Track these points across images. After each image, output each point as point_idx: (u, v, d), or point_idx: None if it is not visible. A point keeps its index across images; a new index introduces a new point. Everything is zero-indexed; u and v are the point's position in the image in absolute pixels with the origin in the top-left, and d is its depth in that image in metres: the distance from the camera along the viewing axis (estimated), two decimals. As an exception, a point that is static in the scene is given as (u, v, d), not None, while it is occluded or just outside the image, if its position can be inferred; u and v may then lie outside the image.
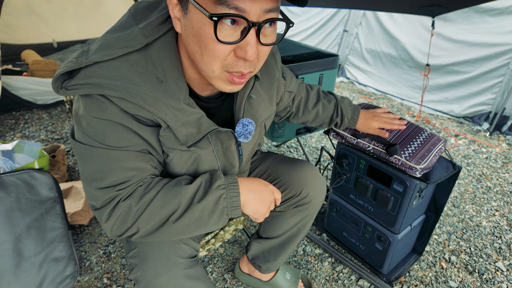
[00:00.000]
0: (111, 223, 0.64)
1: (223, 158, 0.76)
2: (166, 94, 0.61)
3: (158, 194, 0.65)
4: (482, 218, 1.67)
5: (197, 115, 0.66)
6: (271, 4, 0.51)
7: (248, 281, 1.24)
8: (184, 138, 0.65)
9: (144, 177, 0.66)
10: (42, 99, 2.60)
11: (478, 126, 2.65)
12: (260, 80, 0.78)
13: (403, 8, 1.59)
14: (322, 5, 2.16)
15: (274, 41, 0.58)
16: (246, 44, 0.53)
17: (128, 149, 0.62)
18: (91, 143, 0.61)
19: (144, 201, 0.64)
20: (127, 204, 0.63)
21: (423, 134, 1.07)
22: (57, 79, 0.59)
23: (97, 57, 0.57)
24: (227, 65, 0.56)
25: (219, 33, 0.51)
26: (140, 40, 0.59)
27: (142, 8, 0.64)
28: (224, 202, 0.68)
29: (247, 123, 0.71)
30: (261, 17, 0.52)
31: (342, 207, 1.34)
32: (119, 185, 0.63)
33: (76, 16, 3.45)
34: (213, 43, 0.52)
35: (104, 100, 0.58)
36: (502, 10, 2.38)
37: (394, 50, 3.17)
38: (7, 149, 1.29)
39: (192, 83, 0.66)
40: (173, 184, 0.67)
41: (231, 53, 0.55)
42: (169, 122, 0.63)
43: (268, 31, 0.55)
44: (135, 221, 0.64)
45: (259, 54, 0.57)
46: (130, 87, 0.58)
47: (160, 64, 0.61)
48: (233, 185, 0.70)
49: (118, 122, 0.60)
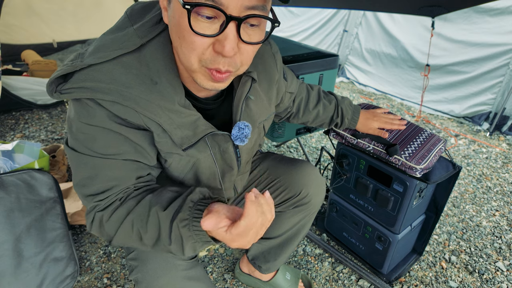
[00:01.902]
0: (94, 231, 0.65)
1: (221, 161, 0.76)
2: (160, 96, 0.60)
3: (128, 216, 0.62)
4: (482, 218, 1.67)
5: (193, 117, 0.65)
6: (254, 1, 0.49)
7: (248, 281, 1.24)
8: (180, 140, 0.65)
9: (125, 187, 0.64)
10: (42, 99, 2.60)
11: (478, 126, 2.65)
12: (258, 81, 0.77)
13: (403, 8, 1.59)
14: (322, 5, 2.16)
15: (260, 40, 0.56)
16: (224, 38, 0.50)
17: (115, 157, 0.61)
18: (80, 150, 0.60)
19: (114, 219, 0.62)
20: (100, 216, 0.63)
21: (423, 134, 1.07)
22: (52, 83, 0.58)
23: (91, 59, 0.57)
24: (205, 60, 0.53)
25: (195, 24, 0.49)
26: (134, 41, 0.59)
27: (138, 9, 0.64)
28: (190, 240, 0.59)
29: (243, 126, 0.70)
30: (242, 12, 0.49)
31: (342, 207, 1.34)
32: (98, 195, 0.62)
33: (76, 16, 3.45)
34: (189, 34, 0.51)
35: (93, 105, 0.57)
36: (502, 10, 2.38)
37: (394, 50, 3.17)
38: (7, 149, 1.29)
39: (187, 83, 0.65)
40: (147, 206, 0.62)
41: (209, 47, 0.52)
42: (164, 125, 0.62)
43: (252, 30, 0.53)
44: (113, 235, 0.64)
45: (241, 53, 0.55)
46: (124, 90, 0.57)
47: (154, 65, 0.60)
48: (197, 221, 0.57)
49: (107, 128, 0.59)
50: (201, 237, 0.58)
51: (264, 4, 0.51)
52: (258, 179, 1.02)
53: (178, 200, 0.62)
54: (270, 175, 1.00)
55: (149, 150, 0.65)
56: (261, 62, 0.78)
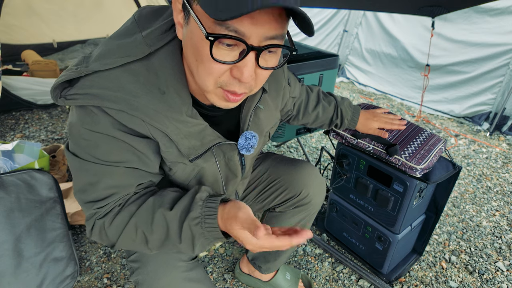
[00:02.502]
0: (94, 237, 0.65)
1: (225, 168, 0.75)
2: (167, 106, 0.59)
3: (131, 219, 0.62)
4: (482, 218, 1.66)
5: (200, 126, 0.64)
6: (274, 31, 0.49)
7: (248, 281, 1.24)
8: (187, 151, 0.64)
9: (125, 194, 0.64)
10: (42, 99, 2.60)
11: (478, 126, 2.65)
12: (268, 90, 0.77)
13: (403, 8, 1.59)
14: (322, 5, 2.16)
15: (275, 64, 0.55)
16: (243, 65, 0.50)
17: (118, 165, 0.60)
18: (82, 156, 0.59)
19: (116, 223, 0.62)
20: (101, 223, 0.63)
21: (423, 134, 1.07)
22: (56, 88, 0.56)
23: (97, 65, 0.55)
24: (221, 83, 0.53)
25: (216, 51, 0.49)
26: (143, 49, 0.57)
27: (147, 14, 0.62)
28: (202, 237, 0.60)
29: (250, 137, 0.69)
30: (262, 42, 0.49)
31: (342, 207, 1.34)
32: (98, 202, 0.62)
33: (76, 17, 3.45)
34: (208, 60, 0.50)
35: (98, 112, 0.56)
36: (502, 10, 2.38)
37: (394, 50, 3.17)
38: (7, 149, 1.29)
39: (195, 92, 0.64)
40: (150, 209, 0.62)
41: (227, 71, 0.52)
42: (171, 135, 0.61)
43: (269, 55, 0.53)
44: (115, 241, 0.63)
45: (257, 77, 0.55)
46: (131, 99, 0.56)
47: (163, 74, 0.58)
48: (209, 218, 0.60)
49: (110, 135, 0.58)
50: (213, 234, 0.59)
51: (283, 33, 0.51)
52: (259, 180, 1.02)
53: (184, 199, 0.63)
54: (271, 175, 1.00)
55: (152, 158, 0.64)
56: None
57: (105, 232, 0.63)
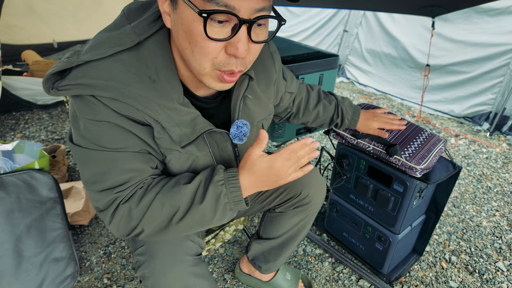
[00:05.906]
0: (114, 224, 0.64)
1: (220, 159, 0.76)
2: (159, 94, 0.60)
3: (157, 196, 0.64)
4: (483, 218, 1.66)
5: (192, 115, 0.65)
6: (262, 3, 0.51)
7: (248, 281, 1.24)
8: (178, 138, 0.65)
9: (144, 178, 0.65)
10: (42, 99, 2.60)
11: (478, 126, 2.65)
12: (256, 80, 0.77)
13: (403, 8, 1.59)
14: (322, 5, 2.16)
15: (265, 38, 0.58)
16: (237, 40, 0.52)
17: (126, 150, 0.61)
18: (88, 146, 0.60)
19: (144, 204, 0.63)
20: (127, 207, 0.63)
21: (423, 134, 1.07)
22: (48, 79, 0.57)
23: (88, 56, 0.57)
24: (218, 64, 0.55)
25: (209, 30, 0.51)
26: (132, 38, 0.59)
27: (135, 7, 0.64)
28: (225, 199, 0.65)
29: (241, 125, 0.70)
30: (252, 14, 0.51)
31: (342, 207, 1.34)
32: (118, 187, 0.62)
33: (76, 17, 3.46)
34: (203, 40, 0.52)
35: (96, 101, 0.57)
36: (502, 10, 2.38)
37: (394, 50, 3.17)
38: (7, 149, 1.29)
39: (185, 81, 0.66)
40: (172, 184, 0.66)
41: (222, 50, 0.54)
42: (163, 122, 0.62)
43: (259, 29, 0.55)
44: (138, 223, 0.64)
45: (251, 52, 0.57)
46: (123, 87, 0.57)
47: (152, 63, 0.60)
48: (232, 179, 0.66)
49: (113, 122, 0.59)
50: (235, 196, 0.66)
51: (270, 5, 0.53)
52: (258, 179, 1.02)
53: (205, 171, 0.69)
54: (270, 175, 1.00)
55: (153, 145, 0.65)
56: (259, 61, 0.78)
57: (129, 216, 0.63)
